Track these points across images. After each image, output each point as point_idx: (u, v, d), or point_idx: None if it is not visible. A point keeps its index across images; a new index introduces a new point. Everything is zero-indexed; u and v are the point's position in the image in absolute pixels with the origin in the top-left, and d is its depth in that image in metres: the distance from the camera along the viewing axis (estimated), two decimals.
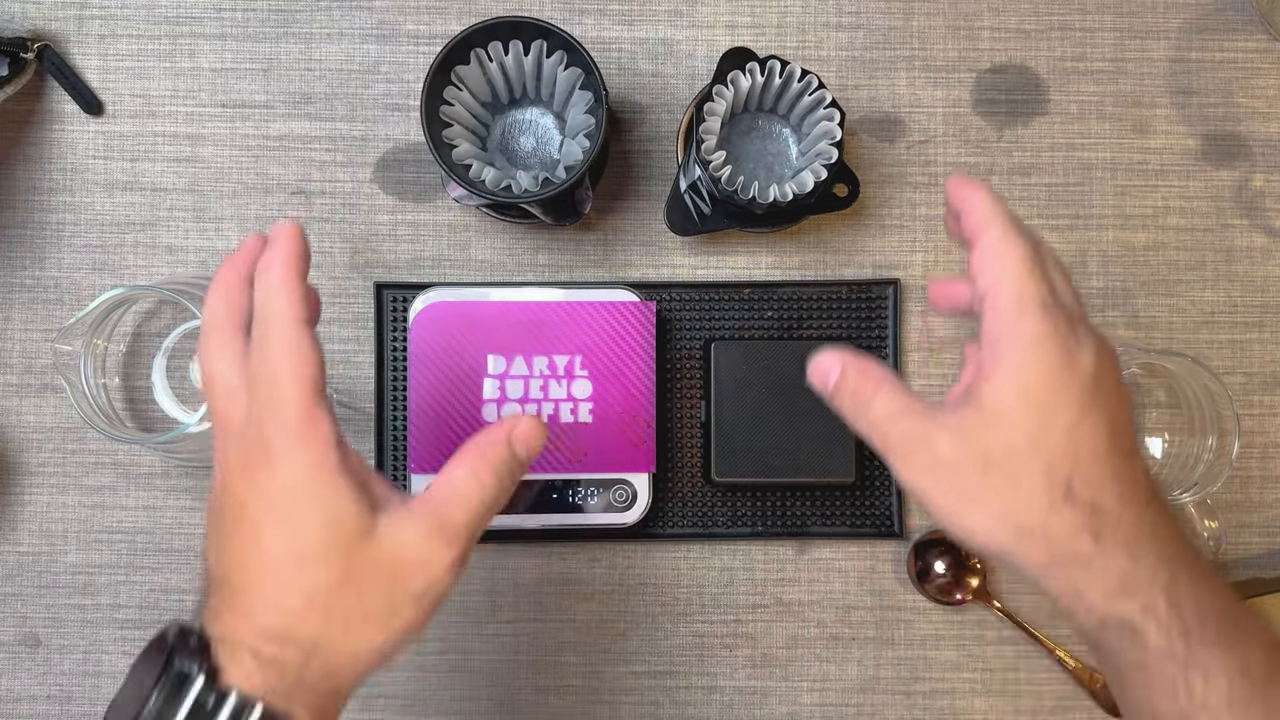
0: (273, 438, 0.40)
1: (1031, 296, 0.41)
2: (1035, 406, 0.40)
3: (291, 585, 0.40)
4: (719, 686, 0.69)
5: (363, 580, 0.40)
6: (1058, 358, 0.40)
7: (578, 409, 0.66)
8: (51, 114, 0.70)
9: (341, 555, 0.40)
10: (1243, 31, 0.71)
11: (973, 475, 0.40)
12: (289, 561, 0.40)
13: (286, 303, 0.42)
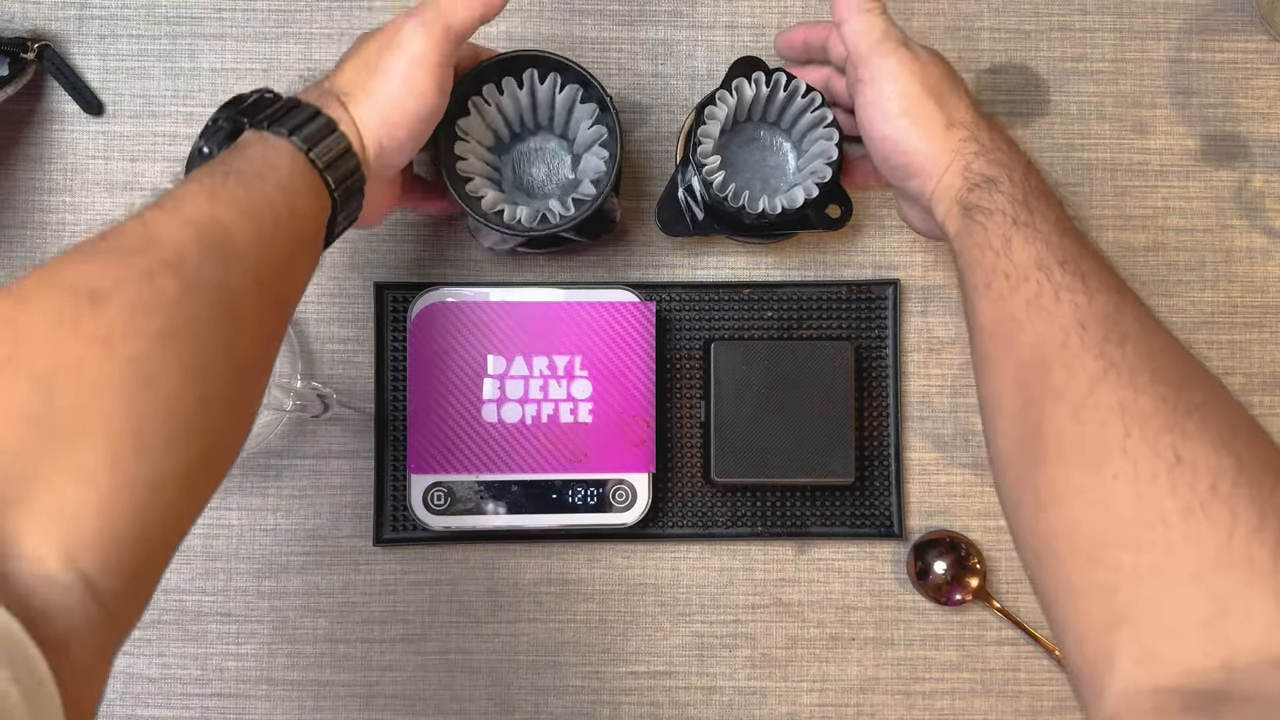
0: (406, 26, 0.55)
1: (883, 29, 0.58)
2: (926, 64, 0.57)
3: (364, 76, 0.55)
4: (719, 687, 0.69)
5: (373, 57, 0.56)
6: (909, 55, 0.58)
7: (578, 409, 0.66)
8: (52, 114, 0.70)
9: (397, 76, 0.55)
10: (1243, 32, 0.71)
11: (933, 76, 0.57)
12: (375, 70, 0.55)
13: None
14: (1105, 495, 0.42)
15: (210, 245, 0.44)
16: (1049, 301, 0.48)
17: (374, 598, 0.69)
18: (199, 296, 0.42)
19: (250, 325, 0.46)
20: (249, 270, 0.46)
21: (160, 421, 0.40)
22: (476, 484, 0.66)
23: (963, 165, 0.55)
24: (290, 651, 0.68)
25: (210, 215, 0.45)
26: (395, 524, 0.68)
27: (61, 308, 0.39)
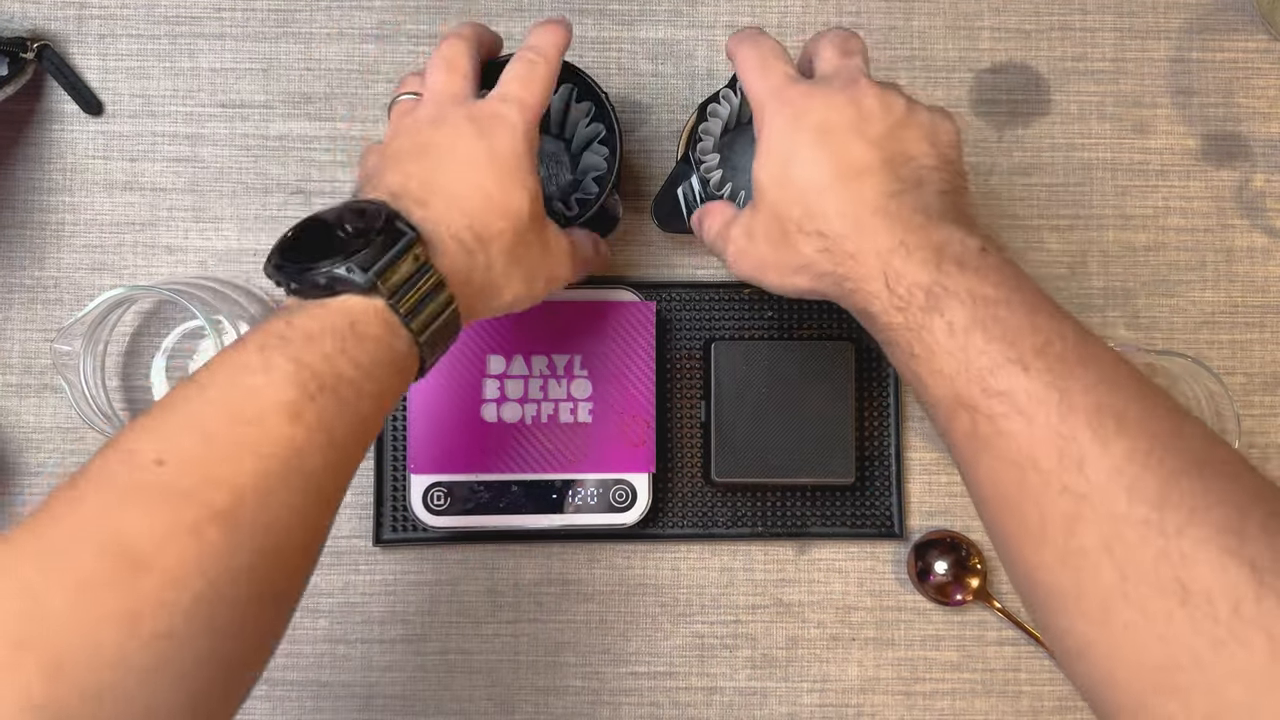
0: (505, 111, 0.51)
1: (759, 92, 0.51)
2: (769, 173, 0.50)
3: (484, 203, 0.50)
4: (719, 687, 0.69)
5: (529, 242, 0.52)
6: (781, 124, 0.50)
7: (577, 409, 0.66)
8: (51, 114, 0.69)
9: (526, 211, 0.51)
10: (1243, 32, 0.71)
11: (761, 251, 0.52)
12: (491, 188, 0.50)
13: (553, 45, 0.53)
14: (1125, 647, 0.38)
15: (278, 482, 0.40)
16: (986, 434, 0.43)
17: (373, 598, 0.69)
18: (248, 547, 0.38)
19: (293, 564, 0.42)
20: (314, 503, 0.42)
21: (173, 697, 0.36)
22: (476, 484, 0.66)
23: (836, 296, 0.50)
24: (290, 652, 0.68)
25: (290, 444, 0.40)
26: (395, 524, 0.68)
27: (93, 575, 0.35)
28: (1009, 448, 0.42)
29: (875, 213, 0.47)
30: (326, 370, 0.42)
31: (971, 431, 0.43)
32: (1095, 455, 0.40)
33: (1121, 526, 0.39)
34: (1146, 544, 0.38)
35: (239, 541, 0.38)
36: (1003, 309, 0.43)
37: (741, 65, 0.53)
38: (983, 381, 0.43)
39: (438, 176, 0.49)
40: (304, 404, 0.41)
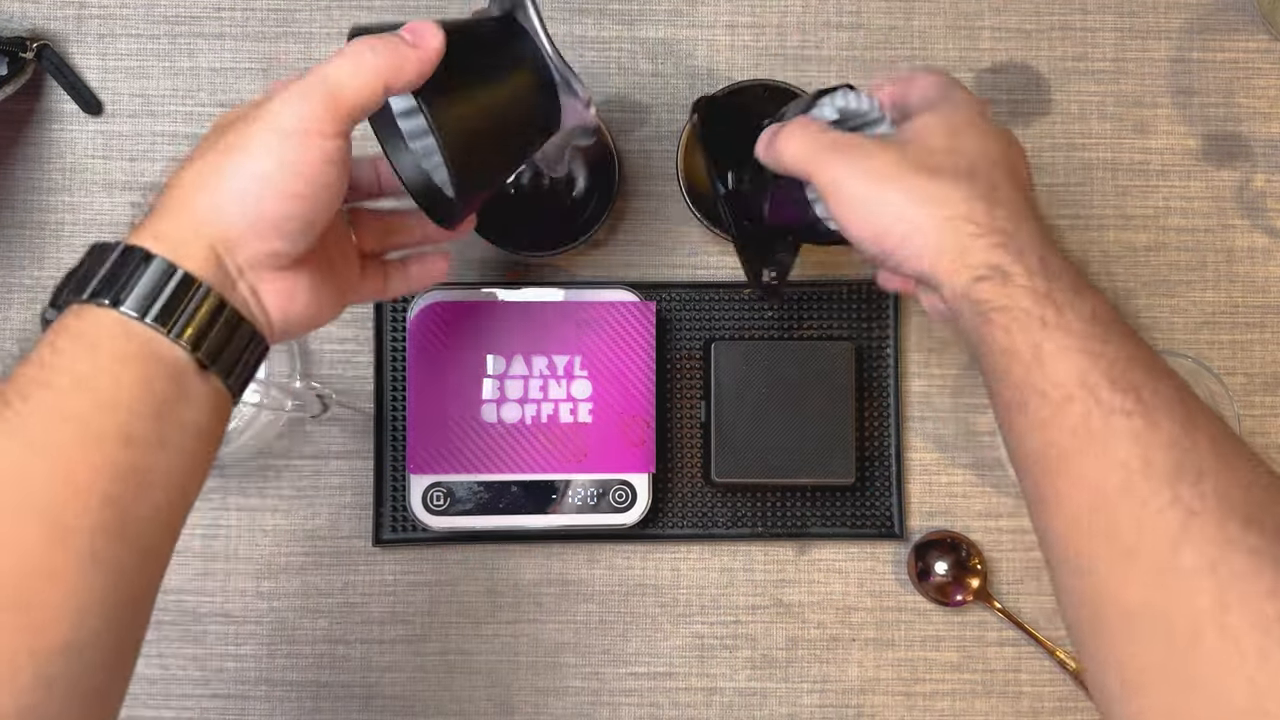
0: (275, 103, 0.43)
1: (954, 84, 0.51)
2: (955, 126, 0.48)
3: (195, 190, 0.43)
4: (719, 688, 0.69)
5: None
6: (978, 107, 0.50)
7: (577, 409, 0.66)
8: (50, 113, 0.69)
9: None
10: (1244, 32, 0.71)
11: (890, 162, 0.47)
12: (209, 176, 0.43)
13: (378, 60, 0.44)
14: (1205, 682, 0.36)
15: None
16: (1100, 429, 0.41)
17: (373, 599, 0.69)
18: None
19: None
20: None
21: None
22: (476, 484, 0.66)
23: (958, 248, 0.45)
24: (289, 652, 0.68)
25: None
26: (395, 524, 0.68)
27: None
28: (1121, 447, 0.40)
29: (1030, 202, 0.48)
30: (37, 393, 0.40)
31: (1082, 424, 0.41)
32: (1216, 471, 0.39)
33: (1233, 552, 0.37)
34: (1258, 576, 0.37)
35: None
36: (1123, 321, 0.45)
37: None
38: (1114, 371, 0.41)
39: (211, 165, 0.45)
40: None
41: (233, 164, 0.43)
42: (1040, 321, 0.43)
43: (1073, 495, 0.41)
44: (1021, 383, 0.43)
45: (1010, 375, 0.44)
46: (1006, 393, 0.44)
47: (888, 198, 0.46)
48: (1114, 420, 0.41)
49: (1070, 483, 0.42)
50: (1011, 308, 0.44)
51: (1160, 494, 0.39)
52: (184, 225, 0.42)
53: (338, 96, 0.43)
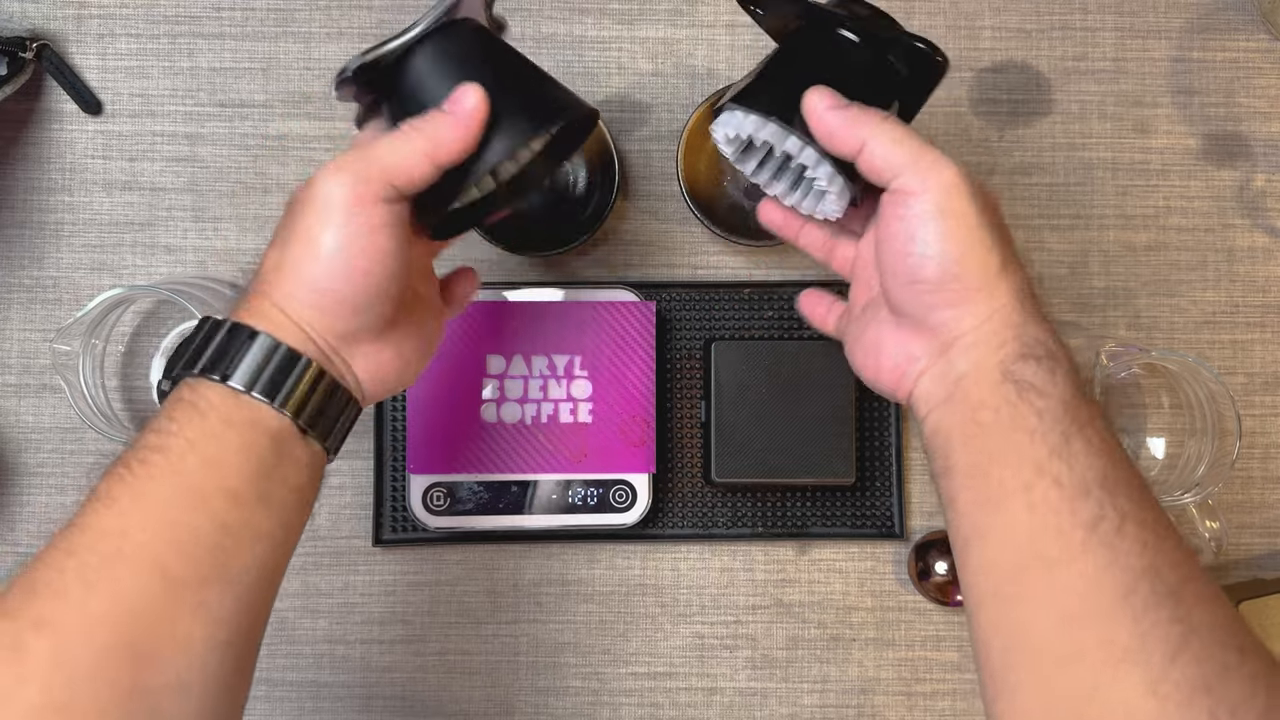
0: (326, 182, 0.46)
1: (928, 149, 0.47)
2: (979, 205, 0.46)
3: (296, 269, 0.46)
4: (719, 688, 0.69)
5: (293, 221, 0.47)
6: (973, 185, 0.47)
7: (577, 409, 0.66)
8: (50, 113, 0.69)
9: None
10: (1244, 31, 0.71)
11: (990, 210, 0.46)
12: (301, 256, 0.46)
13: (434, 136, 0.46)
14: None
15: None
16: (1112, 531, 0.40)
17: (373, 599, 0.69)
18: (80, 646, 0.39)
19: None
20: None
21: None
22: (476, 484, 0.66)
23: (1017, 322, 0.44)
24: (289, 653, 0.68)
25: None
26: (394, 525, 0.68)
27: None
28: (1131, 554, 0.40)
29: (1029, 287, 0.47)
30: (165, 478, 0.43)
31: (1094, 522, 0.41)
32: (1212, 600, 0.40)
33: (1230, 676, 0.38)
34: (1253, 700, 0.37)
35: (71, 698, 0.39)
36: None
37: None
38: (1132, 481, 0.42)
39: (280, 252, 0.47)
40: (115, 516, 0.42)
41: (295, 256, 0.45)
42: (1074, 417, 0.42)
43: (1069, 588, 0.41)
44: (1036, 467, 0.42)
45: (1023, 456, 0.43)
46: (1007, 471, 0.43)
47: (978, 242, 0.45)
48: (1127, 526, 0.41)
49: (1068, 576, 0.41)
50: (1051, 395, 0.43)
51: (1164, 607, 0.39)
52: (274, 308, 0.46)
53: (387, 173, 0.45)
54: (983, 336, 0.45)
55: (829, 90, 0.47)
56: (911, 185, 0.45)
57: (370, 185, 0.45)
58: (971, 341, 0.45)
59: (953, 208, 0.45)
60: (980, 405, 0.44)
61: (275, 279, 0.46)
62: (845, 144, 0.46)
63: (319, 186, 0.45)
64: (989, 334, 0.44)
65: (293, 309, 0.46)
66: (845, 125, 0.46)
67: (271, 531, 0.45)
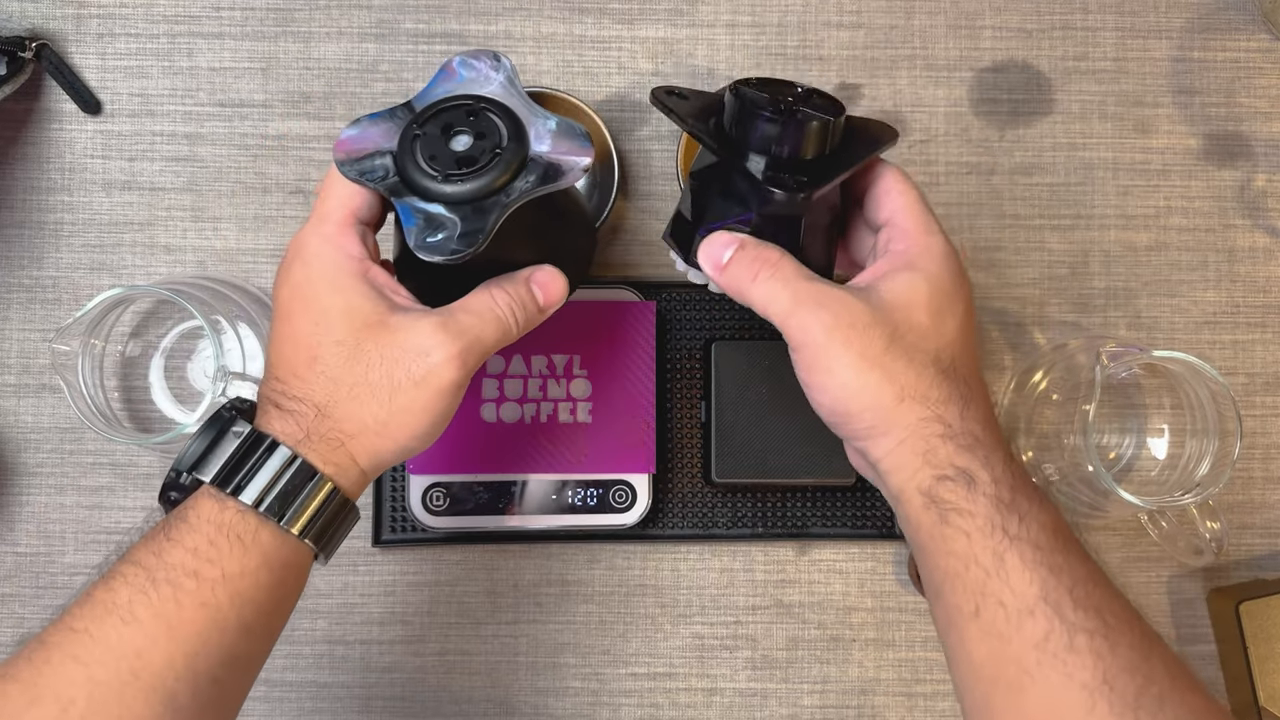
0: (308, 240, 0.48)
1: (933, 219, 0.49)
2: (937, 301, 0.47)
3: (309, 358, 0.46)
4: (719, 688, 0.69)
5: (369, 358, 0.46)
6: (956, 272, 0.48)
7: (577, 409, 0.66)
8: (49, 113, 0.69)
9: (353, 335, 0.46)
10: (1245, 31, 0.71)
11: (878, 340, 0.45)
12: (310, 337, 0.46)
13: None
14: None
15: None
16: (1063, 648, 0.41)
17: (373, 599, 0.69)
18: None
19: None
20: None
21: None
22: (476, 484, 0.65)
23: (923, 448, 0.45)
24: (289, 653, 0.68)
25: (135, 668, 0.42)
26: (394, 525, 0.68)
27: None
28: (1084, 669, 0.41)
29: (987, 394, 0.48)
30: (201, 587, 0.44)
31: (1044, 640, 0.41)
32: (1171, 696, 0.40)
33: None
34: None
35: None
36: None
37: (897, 182, 0.50)
38: (1077, 589, 0.42)
39: (372, 414, 0.47)
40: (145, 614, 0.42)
41: (399, 426, 0.46)
42: (1003, 531, 0.43)
43: (1032, 713, 0.41)
44: (978, 590, 0.43)
45: (964, 580, 0.43)
46: (956, 597, 0.43)
47: (867, 382, 0.45)
48: (1077, 639, 0.41)
49: (1029, 700, 0.41)
50: (975, 514, 0.43)
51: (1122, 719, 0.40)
52: (352, 463, 0.47)
53: (486, 354, 0.48)
54: (894, 465, 0.46)
55: (714, 243, 0.49)
56: (791, 340, 0.47)
57: (474, 365, 0.47)
58: (887, 468, 0.46)
59: (832, 355, 0.45)
60: (917, 527, 0.45)
61: (366, 441, 0.46)
62: (738, 299, 0.49)
63: (435, 360, 0.46)
64: (898, 463, 0.45)
65: (370, 465, 0.47)
66: (729, 287, 0.49)
67: (262, 656, 0.46)
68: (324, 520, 0.46)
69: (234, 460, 0.45)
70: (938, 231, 0.49)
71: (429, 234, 0.45)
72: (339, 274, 0.47)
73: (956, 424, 0.45)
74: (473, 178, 0.46)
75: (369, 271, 0.48)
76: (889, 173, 0.50)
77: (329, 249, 0.47)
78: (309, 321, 0.47)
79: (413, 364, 0.46)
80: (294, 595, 0.47)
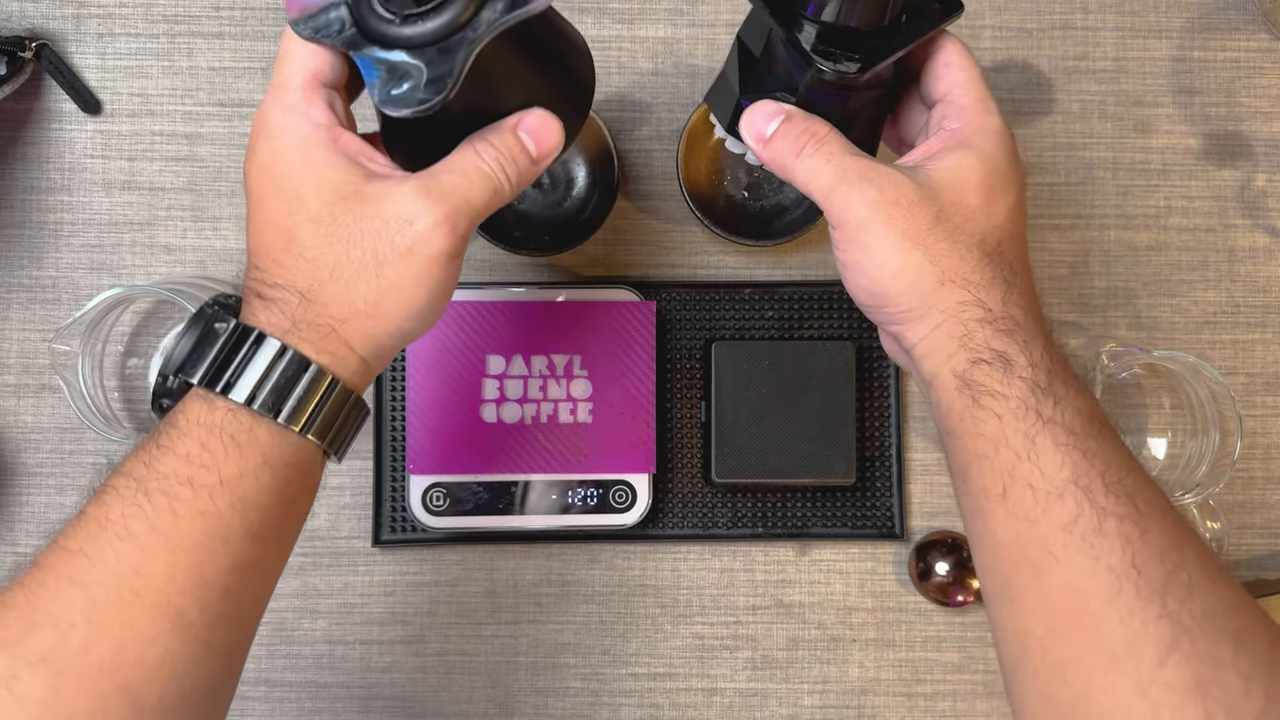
0: (269, 113, 0.44)
1: (991, 99, 0.47)
2: (989, 182, 0.45)
3: (286, 240, 0.43)
4: (719, 689, 0.69)
5: (349, 233, 0.42)
6: (1011, 152, 0.46)
7: (577, 409, 0.66)
8: (49, 113, 0.69)
9: (328, 211, 0.43)
10: (1245, 31, 0.71)
11: (923, 220, 0.44)
12: (283, 218, 0.43)
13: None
14: None
15: (115, 610, 0.39)
16: (1091, 531, 0.40)
17: (373, 599, 0.68)
18: (79, 689, 0.38)
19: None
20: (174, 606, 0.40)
21: None
22: (476, 485, 0.65)
23: (960, 332, 0.44)
24: (288, 653, 0.68)
25: (134, 571, 0.39)
26: (394, 525, 0.68)
27: None
28: (1112, 552, 0.39)
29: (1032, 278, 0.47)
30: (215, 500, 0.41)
31: (1072, 523, 0.40)
32: (1203, 588, 0.39)
33: (1222, 671, 0.37)
34: (1248, 699, 0.37)
35: (62, 682, 0.39)
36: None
37: (958, 55, 0.48)
38: (1109, 474, 0.41)
39: (359, 293, 0.44)
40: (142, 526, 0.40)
41: (391, 307, 0.43)
42: (1036, 414, 0.42)
43: (1055, 595, 0.40)
44: (1007, 471, 0.42)
45: (993, 462, 0.42)
46: (984, 478, 0.43)
47: (907, 262, 0.44)
48: (1107, 524, 0.40)
49: (1053, 582, 0.40)
50: (1009, 396, 0.42)
51: (1150, 605, 0.38)
52: (349, 351, 0.43)
53: (478, 216, 0.44)
54: (929, 349, 0.45)
55: (758, 113, 0.47)
56: (832, 217, 0.45)
57: (466, 230, 0.43)
58: (921, 353, 0.45)
59: (872, 232, 0.44)
60: (948, 411, 0.44)
61: (359, 324, 0.43)
62: (779, 174, 0.47)
63: (420, 227, 0.42)
64: (934, 347, 0.44)
65: (368, 351, 0.44)
66: (772, 161, 0.47)
67: (278, 563, 0.44)
68: (326, 413, 0.43)
69: (220, 357, 0.42)
70: (995, 111, 0.46)
71: (393, 86, 0.41)
72: (306, 145, 0.43)
73: (997, 308, 0.43)
74: (432, 15, 0.41)
75: (339, 139, 0.44)
76: (949, 44, 0.47)
77: (292, 119, 0.43)
78: (280, 201, 0.43)
79: (396, 234, 0.42)
80: (306, 498, 0.45)
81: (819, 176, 0.45)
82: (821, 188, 0.45)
